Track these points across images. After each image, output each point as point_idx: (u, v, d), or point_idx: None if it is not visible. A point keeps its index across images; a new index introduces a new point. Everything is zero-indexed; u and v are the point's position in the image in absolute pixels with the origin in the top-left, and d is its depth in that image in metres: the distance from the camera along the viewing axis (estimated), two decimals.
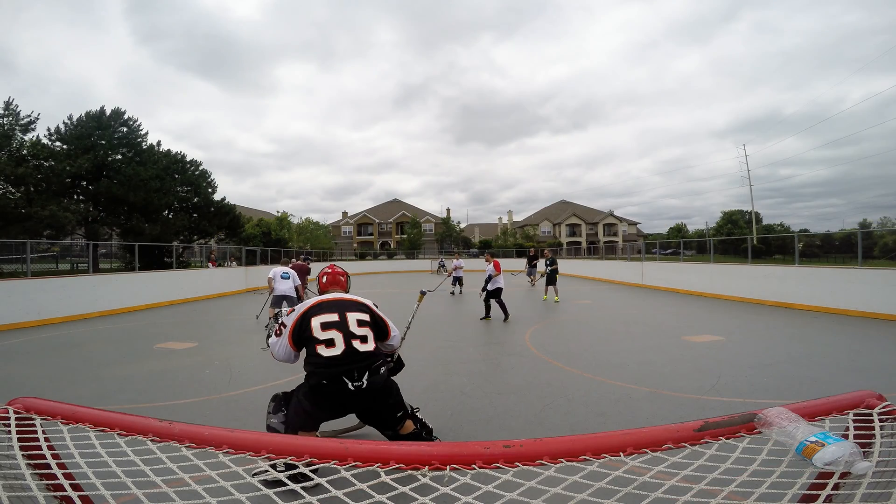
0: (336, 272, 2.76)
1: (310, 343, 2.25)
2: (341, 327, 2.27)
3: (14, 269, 14.12)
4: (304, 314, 2.32)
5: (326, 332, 2.24)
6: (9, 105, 19.35)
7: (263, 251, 21.68)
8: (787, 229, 43.60)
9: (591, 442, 0.63)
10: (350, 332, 2.27)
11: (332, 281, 2.72)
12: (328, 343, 2.22)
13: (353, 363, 2.22)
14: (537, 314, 9.61)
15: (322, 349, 2.21)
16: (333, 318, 2.29)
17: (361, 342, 2.29)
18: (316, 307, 2.35)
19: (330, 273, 2.75)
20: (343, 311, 2.34)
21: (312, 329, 2.24)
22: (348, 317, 2.32)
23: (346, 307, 2.38)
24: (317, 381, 2.22)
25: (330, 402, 2.28)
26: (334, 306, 2.36)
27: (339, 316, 2.31)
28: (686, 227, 55.21)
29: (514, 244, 44.99)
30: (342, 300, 2.43)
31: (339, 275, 2.76)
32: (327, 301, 2.39)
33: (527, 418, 3.57)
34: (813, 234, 27.43)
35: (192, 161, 26.53)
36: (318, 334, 2.23)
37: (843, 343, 6.21)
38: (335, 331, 2.25)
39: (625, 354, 5.69)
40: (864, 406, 0.70)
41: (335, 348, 2.21)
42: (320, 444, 0.66)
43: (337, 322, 2.28)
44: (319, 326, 2.24)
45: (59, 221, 18.79)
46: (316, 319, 2.27)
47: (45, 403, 0.84)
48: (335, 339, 2.23)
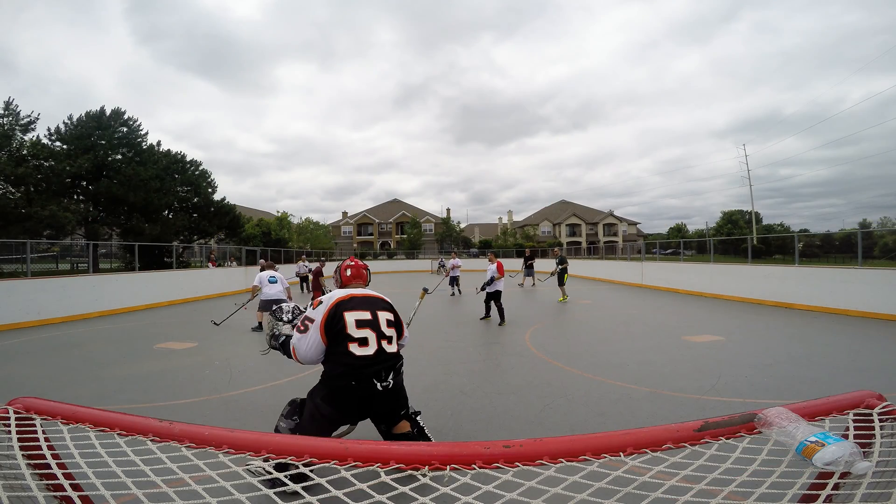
0: (359, 265, 2.63)
1: (341, 340, 2.11)
2: (374, 326, 2.18)
3: (14, 269, 14.12)
4: (337, 306, 2.16)
5: (361, 329, 2.13)
6: (9, 105, 19.34)
7: (263, 251, 21.69)
8: (787, 229, 43.61)
9: (591, 442, 0.63)
10: (381, 332, 2.19)
11: (357, 275, 2.57)
12: (362, 342, 2.11)
13: (381, 364, 2.16)
14: (537, 314, 9.61)
15: (355, 348, 2.10)
16: (367, 315, 2.19)
17: (389, 343, 2.22)
18: (348, 301, 2.20)
19: (354, 266, 2.61)
20: (374, 308, 2.25)
21: (347, 325, 2.11)
22: (380, 316, 2.23)
23: (377, 305, 2.28)
24: (345, 383, 2.10)
25: (356, 404, 2.18)
26: (366, 303, 2.25)
27: (372, 314, 2.21)
28: (686, 227, 55.22)
29: (514, 244, 44.99)
30: (372, 297, 2.32)
31: (363, 268, 2.63)
32: (359, 297, 2.26)
33: (527, 418, 3.57)
34: (813, 234, 27.44)
35: (192, 161, 26.54)
36: (352, 331, 2.11)
37: (843, 343, 6.21)
38: (369, 329, 2.15)
39: (625, 354, 5.69)
40: (864, 406, 0.70)
41: (368, 348, 2.12)
42: (320, 444, 0.66)
43: (370, 321, 2.18)
44: (354, 323, 2.13)
45: (59, 221, 18.78)
46: (350, 315, 2.15)
47: (45, 403, 0.84)
48: (369, 338, 2.13)
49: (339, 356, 2.12)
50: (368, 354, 2.11)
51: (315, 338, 2.13)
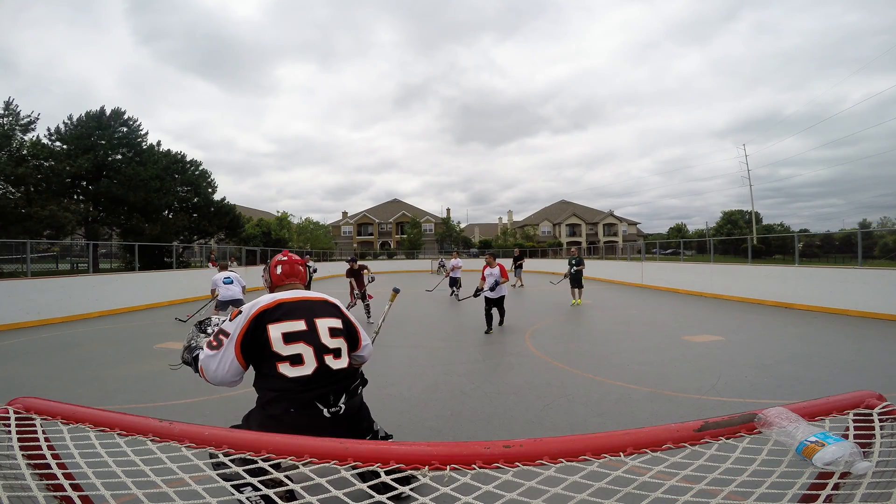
0: (294, 260, 2.11)
1: (267, 360, 1.69)
2: (311, 338, 1.74)
3: (14, 269, 14.12)
4: (258, 318, 1.71)
5: (291, 345, 1.69)
6: (9, 105, 19.34)
7: (263, 251, 21.70)
8: (787, 229, 43.61)
9: (591, 442, 0.63)
10: (322, 346, 1.75)
11: (291, 272, 2.05)
12: (294, 360, 1.68)
13: (326, 385, 1.74)
14: (537, 314, 9.61)
15: (286, 368, 1.67)
16: (299, 325, 1.74)
17: (335, 357, 1.79)
18: (274, 310, 1.75)
19: (286, 262, 2.08)
20: (311, 316, 1.80)
21: (272, 341, 1.68)
22: (318, 325, 1.78)
23: (315, 311, 1.83)
24: (282, 410, 1.68)
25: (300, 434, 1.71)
26: (300, 309, 1.80)
27: (307, 323, 1.76)
28: (686, 227, 55.22)
29: (514, 244, 44.99)
30: (309, 301, 1.86)
31: (298, 263, 2.11)
32: (290, 302, 1.80)
33: (527, 418, 3.57)
34: (813, 234, 27.43)
35: (192, 161, 26.54)
36: (279, 348, 1.68)
37: (843, 343, 6.21)
38: (303, 344, 1.71)
39: (625, 354, 5.69)
40: (864, 406, 0.70)
41: (303, 367, 1.69)
42: (320, 444, 0.67)
43: (304, 332, 1.74)
44: (282, 338, 1.69)
45: (59, 221, 18.78)
46: (276, 328, 1.70)
47: (45, 403, 0.84)
48: (303, 354, 1.70)
49: (268, 379, 1.71)
50: (305, 375, 1.69)
51: (229, 357, 1.68)
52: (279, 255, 2.15)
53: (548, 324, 8.28)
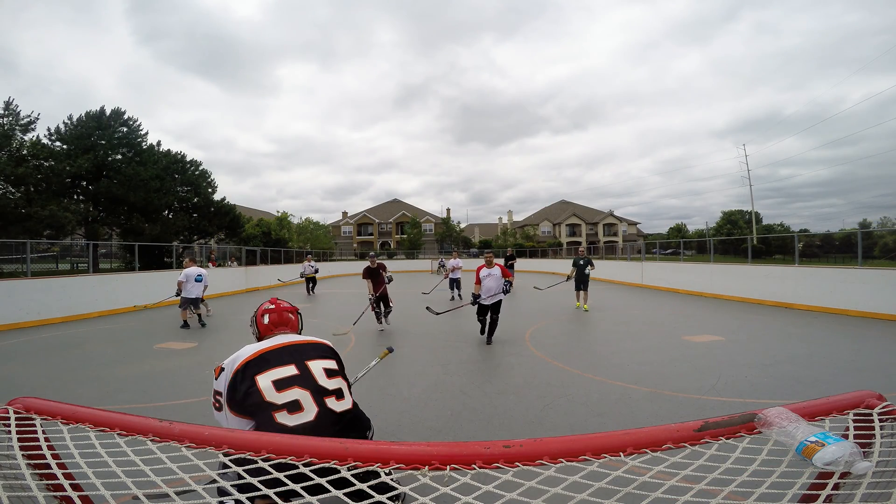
0: (282, 307, 1.98)
1: (262, 411, 1.54)
2: (306, 382, 1.62)
3: (14, 269, 14.13)
4: (242, 371, 1.60)
5: (285, 391, 1.57)
6: (9, 105, 19.35)
7: (263, 251, 21.69)
8: (787, 229, 43.61)
9: (591, 442, 0.63)
10: (319, 388, 1.63)
11: (280, 320, 1.94)
12: (291, 407, 1.55)
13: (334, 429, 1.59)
14: (537, 314, 9.61)
15: (284, 417, 1.53)
16: (290, 371, 1.62)
17: (337, 398, 1.65)
18: (259, 360, 1.63)
19: (273, 310, 1.96)
20: (301, 359, 1.68)
21: (262, 391, 1.56)
22: (311, 367, 1.67)
23: (304, 353, 1.71)
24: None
25: None
26: (286, 354, 1.68)
27: (298, 367, 1.65)
28: (686, 227, 55.22)
29: (514, 244, 44.99)
30: (295, 345, 1.75)
31: (288, 311, 1.98)
32: (274, 350, 1.69)
33: (527, 418, 3.57)
34: (813, 234, 27.43)
35: (192, 161, 26.55)
36: (272, 397, 1.55)
37: (843, 343, 6.21)
38: (298, 388, 1.59)
39: (625, 354, 5.69)
40: (864, 406, 0.70)
41: (303, 412, 1.55)
42: (320, 444, 0.67)
43: (297, 376, 1.62)
44: (273, 386, 1.57)
45: (59, 221, 18.78)
46: (264, 378, 1.58)
47: (45, 403, 0.84)
48: (301, 399, 1.56)
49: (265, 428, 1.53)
50: (308, 422, 1.54)
51: (232, 418, 1.59)
52: (266, 303, 1.99)
53: (548, 324, 8.28)
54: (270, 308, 1.97)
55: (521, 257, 36.56)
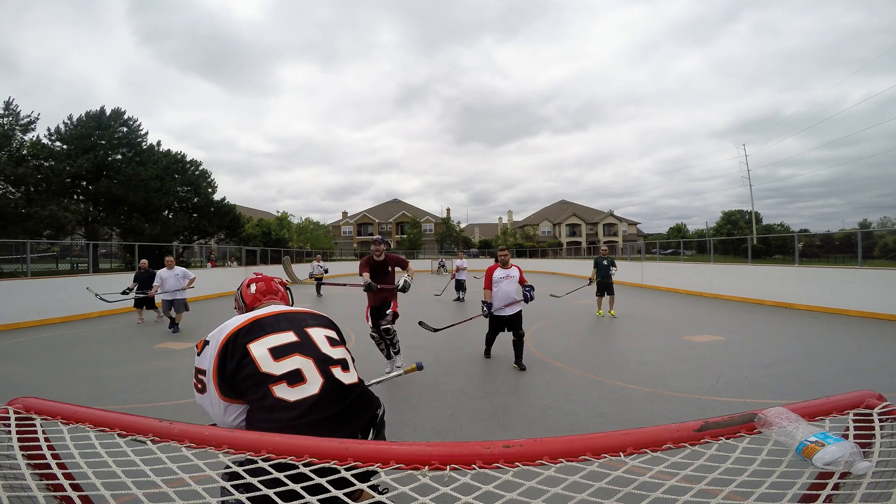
0: (268, 278, 1.77)
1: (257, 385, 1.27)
2: (306, 349, 1.37)
3: (14, 269, 14.12)
4: (232, 341, 1.33)
5: (284, 360, 1.31)
6: (9, 105, 19.35)
7: (263, 251, 21.70)
8: (787, 229, 43.62)
9: (591, 442, 0.63)
10: (323, 356, 1.38)
11: (268, 289, 1.71)
12: (292, 378, 1.29)
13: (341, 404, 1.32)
14: (537, 314, 9.61)
15: (284, 390, 1.26)
16: (289, 337, 1.38)
17: (343, 369, 1.40)
18: (251, 327, 1.37)
19: (261, 279, 1.75)
20: (300, 325, 1.44)
21: (257, 361, 1.29)
22: (312, 334, 1.43)
23: (302, 320, 1.48)
24: None
25: None
26: (283, 321, 1.44)
27: (298, 333, 1.40)
28: (686, 227, 55.22)
29: (514, 244, 44.99)
30: (292, 312, 1.51)
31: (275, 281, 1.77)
32: (268, 316, 1.44)
33: (527, 418, 3.57)
34: (813, 234, 27.44)
35: (192, 161, 26.56)
36: (269, 367, 1.28)
37: (843, 343, 6.21)
38: (299, 356, 1.34)
39: (625, 354, 5.69)
40: (864, 406, 0.70)
41: (306, 384, 1.29)
42: (320, 443, 0.67)
43: (297, 343, 1.37)
44: (269, 355, 1.31)
45: (59, 221, 18.79)
46: (259, 345, 1.32)
47: (45, 403, 0.84)
48: (303, 369, 1.31)
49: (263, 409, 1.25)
50: (312, 395, 1.27)
51: (217, 400, 1.31)
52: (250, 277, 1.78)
53: (548, 324, 8.28)
54: (256, 277, 1.76)
55: (522, 257, 36.58)
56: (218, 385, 1.30)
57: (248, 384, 1.28)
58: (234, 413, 1.31)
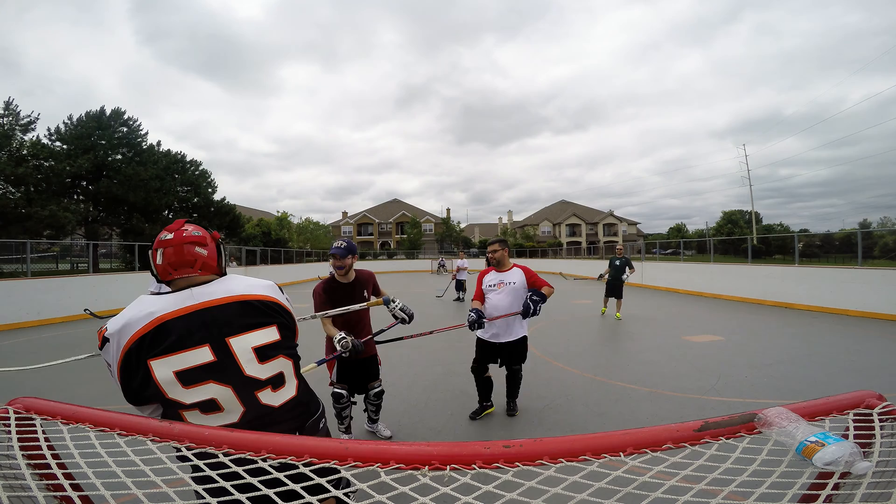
0: (182, 237, 1.23)
1: (167, 407, 1.12)
2: (226, 375, 1.13)
3: (14, 269, 14.12)
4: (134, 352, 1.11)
5: (194, 388, 1.10)
6: (9, 105, 19.36)
7: (263, 251, 21.70)
8: (786, 229, 43.62)
9: (591, 442, 0.63)
10: (247, 380, 1.15)
11: (179, 259, 1.21)
12: (206, 407, 1.11)
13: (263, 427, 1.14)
14: None
15: (196, 416, 1.11)
16: (202, 356, 1.12)
17: (274, 389, 1.19)
18: (155, 335, 1.11)
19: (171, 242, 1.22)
20: (219, 334, 1.15)
21: (161, 385, 1.09)
22: (235, 348, 1.15)
23: (225, 323, 1.16)
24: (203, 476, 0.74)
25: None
26: (197, 326, 1.14)
27: (215, 349, 1.13)
28: (686, 227, 55.23)
29: (514, 244, 44.99)
30: (210, 308, 1.17)
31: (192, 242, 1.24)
32: (176, 318, 1.13)
33: (527, 418, 3.57)
34: (813, 234, 27.43)
35: (192, 161, 26.59)
36: (177, 394, 1.09)
37: (843, 343, 6.21)
38: (214, 384, 1.11)
39: (625, 354, 5.69)
40: (864, 406, 0.70)
41: (223, 413, 1.12)
42: (320, 443, 0.67)
43: (213, 365, 1.12)
44: (176, 380, 1.09)
45: (59, 221, 18.79)
46: (162, 365, 1.09)
47: (45, 403, 0.84)
48: (218, 399, 1.12)
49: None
50: (230, 422, 1.13)
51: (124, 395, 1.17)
52: (163, 232, 1.25)
53: (548, 324, 8.28)
54: (167, 239, 1.22)
55: (521, 257, 36.57)
56: (125, 394, 1.15)
57: (156, 400, 1.12)
58: (148, 410, 1.18)
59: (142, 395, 1.12)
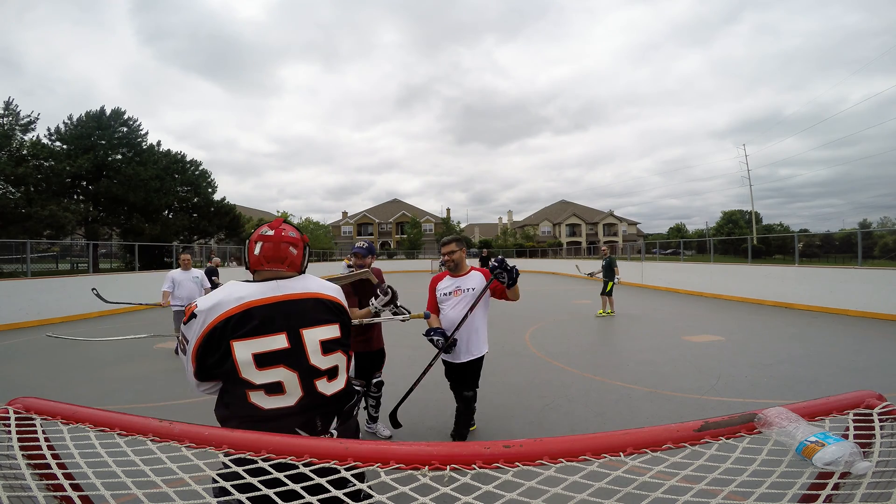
0: (282, 236, 1.38)
1: (234, 386, 1.23)
2: (295, 361, 1.25)
3: (14, 269, 14.12)
4: (220, 329, 1.21)
5: (267, 370, 1.22)
6: (9, 105, 19.35)
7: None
8: (786, 229, 43.63)
9: (591, 442, 0.63)
10: (310, 369, 1.27)
11: (275, 254, 1.36)
12: (270, 389, 1.22)
13: (315, 413, 1.29)
14: (537, 314, 9.60)
15: (260, 397, 1.22)
16: (279, 343, 1.24)
17: (329, 379, 1.32)
18: (242, 317, 1.23)
19: (271, 237, 1.37)
20: (295, 325, 1.28)
21: (239, 365, 1.20)
22: (306, 338, 1.28)
23: (301, 316, 1.30)
24: None
25: None
26: (278, 317, 1.26)
27: (290, 338, 1.26)
28: (686, 227, 55.23)
29: (513, 244, 44.99)
30: (292, 302, 1.31)
31: (288, 243, 1.39)
32: (263, 305, 1.26)
33: (527, 418, 3.57)
34: (813, 234, 27.42)
35: (192, 161, 26.58)
36: (250, 374, 1.21)
37: (843, 343, 6.21)
38: (284, 368, 1.23)
39: (625, 354, 5.69)
40: (864, 406, 0.70)
41: (284, 396, 1.24)
42: (320, 443, 0.67)
43: (286, 352, 1.24)
44: (253, 361, 1.20)
45: (59, 221, 18.78)
46: (244, 347, 1.21)
47: (45, 403, 0.84)
48: (284, 382, 1.23)
49: (234, 402, 1.24)
50: (286, 406, 1.24)
51: (189, 368, 1.27)
52: (264, 227, 1.42)
53: (548, 324, 8.28)
54: (268, 235, 1.39)
55: (522, 257, 36.54)
56: (196, 369, 1.25)
57: (225, 378, 1.25)
58: (205, 386, 1.31)
59: (212, 371, 1.25)
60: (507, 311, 9.03)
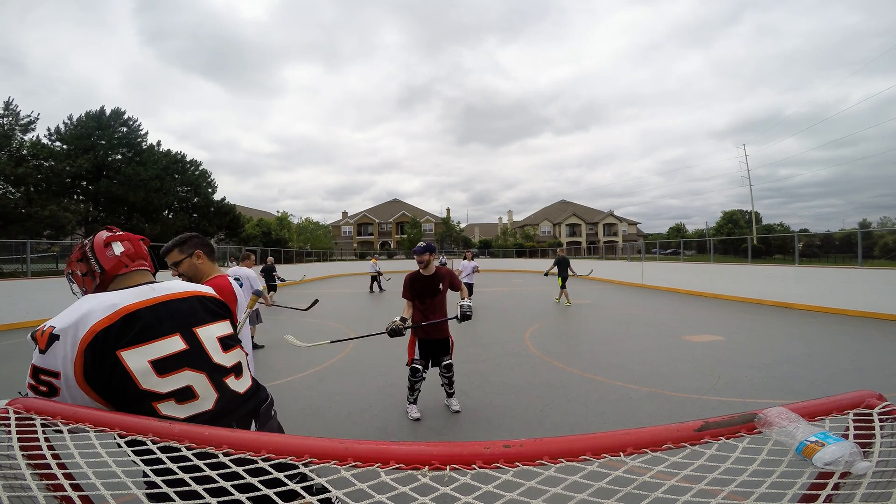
0: (131, 235, 1.29)
1: (138, 401, 1.05)
2: (199, 362, 1.15)
3: (14, 269, 14.11)
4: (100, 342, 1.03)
5: (169, 375, 1.09)
6: (9, 105, 19.35)
7: (263, 251, 21.70)
8: (786, 229, 43.63)
9: (591, 442, 0.63)
10: (217, 367, 1.19)
11: (136, 252, 1.26)
12: (181, 395, 1.10)
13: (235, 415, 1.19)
14: (537, 314, 9.61)
15: (171, 408, 1.08)
16: (176, 345, 1.13)
17: (237, 376, 1.24)
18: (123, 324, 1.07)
19: (125, 236, 1.27)
20: (189, 324, 1.19)
21: (136, 377, 1.04)
22: (202, 337, 1.20)
23: (193, 315, 1.22)
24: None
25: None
26: (166, 318, 1.15)
27: (186, 339, 1.16)
28: (686, 227, 55.24)
29: (513, 244, 44.99)
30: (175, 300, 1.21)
31: (142, 241, 1.31)
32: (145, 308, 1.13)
33: (527, 418, 3.57)
34: (813, 234, 27.41)
35: (192, 161, 26.58)
36: (151, 384, 1.06)
37: (843, 343, 6.21)
38: (189, 370, 1.13)
39: (625, 354, 5.69)
40: (864, 406, 0.70)
41: (198, 401, 1.12)
42: (320, 443, 0.67)
43: (187, 353, 1.14)
44: (151, 370, 1.06)
45: (59, 221, 18.79)
46: (135, 355, 1.05)
47: (45, 403, 0.84)
48: (194, 385, 1.12)
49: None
50: (205, 410, 1.12)
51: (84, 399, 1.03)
52: (103, 233, 1.25)
53: (548, 324, 8.28)
54: (118, 234, 1.24)
55: (522, 257, 36.56)
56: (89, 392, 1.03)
57: (125, 397, 1.05)
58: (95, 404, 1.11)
59: (108, 391, 1.04)
60: (508, 312, 9.04)
